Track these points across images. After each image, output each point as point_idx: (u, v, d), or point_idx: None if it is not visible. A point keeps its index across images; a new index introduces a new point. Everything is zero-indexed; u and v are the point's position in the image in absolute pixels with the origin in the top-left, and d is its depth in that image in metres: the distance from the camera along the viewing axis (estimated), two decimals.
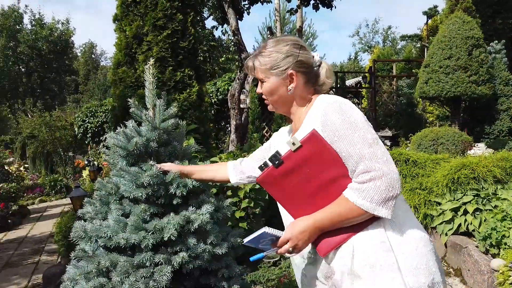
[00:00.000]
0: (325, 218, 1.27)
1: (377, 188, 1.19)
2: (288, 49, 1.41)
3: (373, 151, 1.22)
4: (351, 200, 1.22)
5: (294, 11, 9.59)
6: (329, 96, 1.40)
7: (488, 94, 7.22)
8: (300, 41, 1.46)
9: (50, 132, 13.51)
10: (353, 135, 1.23)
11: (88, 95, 36.96)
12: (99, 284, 1.51)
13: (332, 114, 1.28)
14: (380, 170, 1.19)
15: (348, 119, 1.26)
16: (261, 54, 1.45)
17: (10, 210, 7.99)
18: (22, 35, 26.37)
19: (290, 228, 1.31)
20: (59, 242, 4.60)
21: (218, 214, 1.84)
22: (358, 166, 1.22)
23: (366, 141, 1.23)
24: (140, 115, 1.82)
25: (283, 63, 1.41)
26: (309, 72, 1.45)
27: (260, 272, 3.29)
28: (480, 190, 3.79)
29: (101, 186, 1.79)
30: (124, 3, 5.07)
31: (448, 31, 7.43)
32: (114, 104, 5.16)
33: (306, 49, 1.45)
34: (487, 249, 3.28)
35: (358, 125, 1.25)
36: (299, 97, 1.45)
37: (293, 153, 1.27)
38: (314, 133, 1.26)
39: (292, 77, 1.41)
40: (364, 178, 1.21)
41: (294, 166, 1.28)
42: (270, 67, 1.42)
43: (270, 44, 1.45)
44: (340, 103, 1.30)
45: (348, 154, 1.24)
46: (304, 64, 1.42)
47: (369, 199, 1.19)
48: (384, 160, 1.21)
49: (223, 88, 12.37)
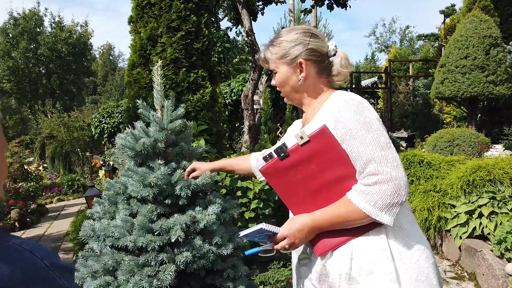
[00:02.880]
0: (325, 218, 1.24)
1: (382, 192, 1.15)
2: (298, 37, 1.37)
3: (384, 154, 1.18)
4: (353, 202, 1.18)
5: (308, 11, 9.56)
6: (347, 93, 1.35)
7: (506, 94, 7.06)
8: (312, 29, 1.41)
9: (68, 132, 13.79)
10: (366, 135, 1.19)
11: (106, 96, 37.59)
12: (105, 283, 1.54)
13: (347, 112, 1.23)
14: (388, 174, 1.15)
15: (363, 119, 1.22)
16: (272, 45, 1.41)
17: (29, 208, 8.19)
18: (42, 37, 26.93)
19: (288, 225, 1.28)
20: (74, 240, 4.69)
21: (225, 215, 1.85)
22: (366, 168, 1.18)
23: (378, 143, 1.19)
24: (148, 116, 1.84)
25: (293, 51, 1.36)
26: (322, 61, 1.39)
27: (269, 273, 3.29)
28: (496, 192, 3.71)
29: (110, 186, 1.82)
30: (139, 5, 5.13)
31: (464, 30, 7.30)
32: (129, 105, 5.22)
33: (318, 37, 1.39)
34: (502, 253, 3.21)
35: (372, 126, 1.21)
36: (312, 88, 1.40)
37: (300, 147, 1.24)
38: (324, 129, 1.22)
39: (301, 66, 1.36)
40: (370, 180, 1.17)
41: (300, 161, 1.25)
42: (280, 56, 1.38)
43: (282, 33, 1.41)
44: (357, 101, 1.26)
45: (358, 154, 1.20)
46: (316, 53, 1.37)
47: (372, 203, 1.15)
48: (394, 165, 1.17)
49: (237, 89, 12.42)
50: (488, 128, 7.71)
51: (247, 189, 3.33)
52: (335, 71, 1.41)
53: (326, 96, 1.40)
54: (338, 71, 1.41)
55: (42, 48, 26.56)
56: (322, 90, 1.41)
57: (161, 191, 1.69)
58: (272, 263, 3.48)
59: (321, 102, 1.40)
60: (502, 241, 3.20)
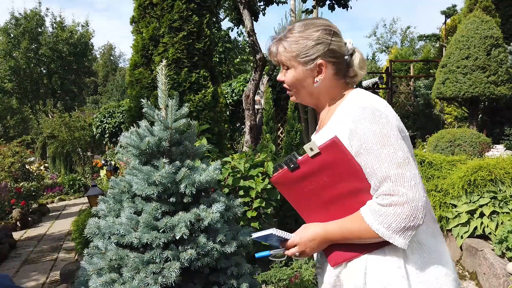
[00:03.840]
0: (337, 232, 1.18)
1: (397, 215, 1.06)
2: (319, 36, 1.24)
3: (401, 172, 1.08)
4: (367, 221, 1.11)
5: (310, 11, 9.58)
6: (364, 96, 1.23)
7: (507, 95, 7.07)
8: (332, 26, 1.28)
9: (69, 132, 13.83)
10: (382, 150, 1.10)
11: (107, 96, 37.63)
12: (111, 280, 1.56)
13: (363, 122, 1.13)
14: (404, 196, 1.06)
15: (379, 131, 1.11)
16: (286, 39, 1.28)
17: (31, 208, 8.22)
18: (43, 37, 26.99)
19: (300, 233, 1.23)
20: (76, 239, 4.71)
21: (229, 213, 1.86)
22: (381, 186, 1.10)
23: (395, 159, 1.09)
24: (152, 115, 1.85)
25: (313, 51, 1.24)
26: (340, 62, 1.28)
27: (271, 272, 3.31)
28: (497, 192, 3.72)
29: (114, 184, 1.83)
30: (141, 5, 5.15)
31: (466, 30, 7.31)
32: (131, 105, 5.25)
33: (339, 36, 1.28)
34: (503, 252, 3.22)
35: (389, 140, 1.10)
36: (326, 90, 1.30)
37: (310, 158, 1.17)
38: (335, 141, 1.14)
39: (321, 68, 1.25)
40: (385, 201, 1.08)
41: (310, 173, 1.19)
42: (297, 54, 1.25)
43: (298, 28, 1.27)
44: (374, 108, 1.15)
45: (373, 171, 1.11)
46: (336, 53, 1.26)
47: (386, 225, 1.08)
48: (411, 185, 1.07)
49: (238, 89, 12.44)
50: (489, 129, 7.73)
51: (250, 188, 3.34)
52: (352, 72, 1.31)
53: (343, 96, 1.31)
54: (355, 73, 1.32)
55: (43, 48, 26.62)
56: (338, 91, 1.31)
57: (165, 189, 1.70)
58: (274, 262, 3.49)
59: (335, 105, 1.31)
60: (503, 241, 3.21)
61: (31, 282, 4.38)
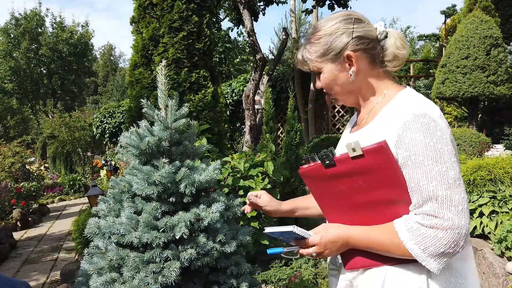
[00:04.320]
0: (363, 240, 1.10)
1: (438, 239, 0.99)
2: (338, 27, 1.16)
3: (449, 194, 0.99)
4: (400, 238, 1.03)
5: (310, 11, 9.58)
6: (418, 100, 1.11)
7: (507, 95, 7.08)
8: (353, 13, 1.20)
9: (69, 132, 13.84)
10: (433, 167, 1.00)
11: (107, 96, 37.65)
12: (111, 279, 1.56)
13: (415, 132, 1.03)
14: (449, 220, 0.98)
15: (433, 145, 1.01)
16: (309, 42, 1.21)
17: (31, 208, 8.23)
18: (43, 37, 27.01)
19: (321, 232, 1.15)
20: (77, 239, 4.72)
21: (228, 213, 1.87)
22: (424, 205, 1.01)
23: (445, 179, 1.00)
24: (152, 115, 1.86)
25: (336, 44, 1.16)
26: (373, 47, 1.18)
27: (271, 272, 3.31)
28: (496, 192, 3.73)
29: (115, 184, 1.84)
30: (141, 5, 5.16)
31: (465, 30, 7.32)
32: (131, 105, 5.25)
33: (362, 21, 1.18)
34: (503, 252, 3.23)
35: (443, 156, 1.01)
36: (366, 84, 1.20)
37: (350, 159, 1.08)
38: (383, 146, 1.04)
39: (350, 59, 1.16)
40: (427, 221, 1.00)
41: (346, 173, 1.10)
42: (322, 53, 1.18)
43: (319, 27, 1.20)
44: (430, 118, 1.04)
45: (418, 187, 1.02)
46: (364, 40, 1.16)
47: (422, 247, 1.00)
48: (458, 210, 0.99)
49: (238, 89, 12.45)
50: (489, 128, 7.73)
51: (249, 188, 3.35)
52: (389, 55, 1.20)
53: (389, 94, 1.19)
54: (394, 55, 1.20)
55: (43, 48, 26.64)
56: (380, 85, 1.20)
57: (165, 189, 1.71)
58: (274, 262, 3.50)
59: (381, 103, 1.19)
60: (502, 240, 3.22)
61: (32, 282, 4.39)
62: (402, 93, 1.16)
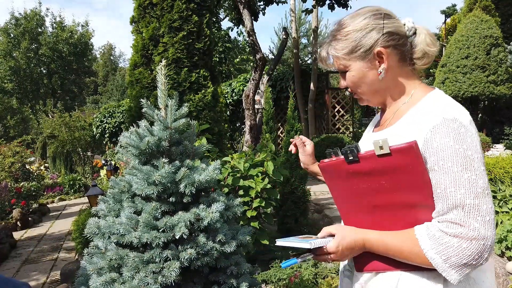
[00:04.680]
0: (380, 245, 1.07)
1: (461, 250, 0.94)
2: (367, 22, 1.12)
3: (477, 203, 0.95)
4: (421, 246, 0.99)
5: (310, 11, 9.59)
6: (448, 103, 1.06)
7: (507, 94, 7.08)
8: (381, 9, 1.16)
9: (69, 132, 13.84)
10: (462, 174, 0.96)
11: (107, 96, 37.65)
12: (111, 279, 1.56)
13: (445, 137, 0.98)
14: (475, 230, 0.94)
15: (463, 152, 0.97)
16: (335, 39, 1.16)
17: (31, 208, 8.22)
18: (43, 37, 27.00)
19: (338, 240, 1.10)
20: (77, 239, 4.72)
21: (228, 213, 1.87)
22: (449, 212, 0.97)
23: (474, 187, 0.96)
24: (152, 115, 1.86)
25: (365, 40, 1.11)
26: (403, 44, 1.14)
27: (271, 272, 3.31)
28: (496, 191, 3.73)
29: (114, 184, 1.84)
30: (141, 5, 5.16)
31: (465, 30, 7.32)
32: (131, 105, 5.25)
33: (392, 17, 1.14)
34: (503, 251, 3.23)
35: (473, 164, 0.97)
36: (394, 82, 1.15)
37: (375, 157, 1.03)
38: (413, 146, 0.99)
39: (381, 56, 1.11)
40: (451, 230, 0.96)
41: (369, 172, 1.06)
42: (350, 50, 1.13)
43: (345, 23, 1.16)
44: (461, 124, 1.00)
45: (445, 194, 0.98)
46: (395, 36, 1.12)
47: (444, 257, 0.96)
48: (485, 220, 0.95)
49: (238, 88, 12.45)
50: (489, 128, 7.73)
51: (249, 188, 3.35)
52: (419, 52, 1.15)
53: (416, 95, 1.14)
54: (423, 52, 1.15)
55: (43, 48, 26.64)
56: (408, 84, 1.16)
57: (165, 189, 1.71)
58: (274, 262, 3.50)
59: (408, 103, 1.14)
60: (502, 240, 3.22)
61: (32, 282, 4.39)
62: (430, 95, 1.12)
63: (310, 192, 4.88)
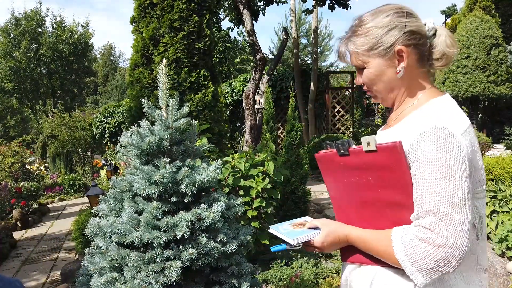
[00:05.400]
0: (360, 243, 1.13)
1: (427, 255, 0.97)
2: (390, 20, 1.11)
3: (451, 212, 0.97)
4: (394, 247, 1.03)
5: (310, 11, 9.59)
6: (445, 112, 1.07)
7: (507, 94, 7.09)
8: (404, 7, 1.15)
9: (69, 132, 13.83)
10: (440, 182, 0.98)
11: (107, 96, 37.65)
12: (112, 279, 1.56)
13: (429, 145, 1.00)
14: (443, 238, 0.96)
15: (445, 161, 0.98)
16: (355, 34, 1.15)
17: (31, 208, 8.22)
18: (43, 37, 26.98)
19: (323, 236, 1.18)
20: (77, 239, 4.72)
21: (229, 213, 1.87)
22: (423, 217, 1.00)
23: (450, 197, 0.97)
24: (153, 114, 1.86)
25: (387, 38, 1.11)
26: (424, 44, 1.14)
27: (272, 272, 3.31)
28: (497, 192, 3.73)
29: (115, 184, 1.84)
30: (141, 5, 5.16)
31: (466, 30, 7.32)
32: (131, 105, 5.25)
33: (414, 16, 1.14)
34: (503, 251, 3.22)
35: (453, 174, 0.98)
36: (409, 82, 1.15)
37: (363, 152, 1.08)
38: (396, 146, 1.03)
39: (401, 54, 1.11)
40: (421, 234, 0.99)
41: (357, 166, 1.11)
42: (370, 47, 1.13)
43: (367, 19, 1.15)
44: (448, 135, 1.00)
45: (421, 199, 1.01)
46: (416, 35, 1.12)
47: (412, 260, 0.99)
48: (456, 230, 0.96)
49: (238, 88, 12.44)
50: (489, 128, 7.73)
51: (250, 188, 3.35)
52: (438, 53, 1.15)
53: (422, 99, 1.15)
54: (442, 53, 1.15)
55: (43, 48, 26.61)
56: (420, 86, 1.16)
57: (166, 189, 1.71)
58: (274, 262, 3.50)
59: (413, 106, 1.15)
60: (503, 240, 3.22)
61: (32, 282, 4.39)
62: (434, 101, 1.12)
63: (310, 192, 4.88)
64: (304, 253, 3.69)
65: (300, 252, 3.68)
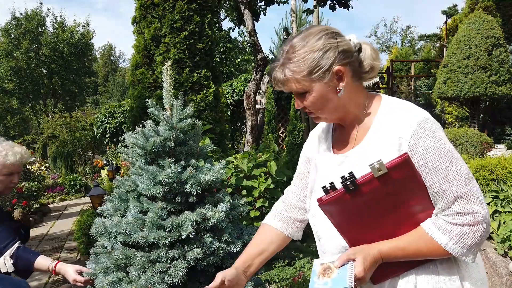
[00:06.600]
0: (397, 252, 1.09)
1: (474, 233, 1.03)
2: (323, 42, 1.12)
3: (470, 189, 1.04)
4: (439, 242, 1.05)
5: (310, 11, 9.58)
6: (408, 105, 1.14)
7: (509, 95, 7.09)
8: (330, 27, 1.17)
9: (70, 132, 13.84)
10: (450, 168, 1.04)
11: (107, 96, 37.66)
12: (117, 279, 1.57)
13: (425, 140, 1.06)
14: (478, 214, 1.03)
15: (443, 148, 1.05)
16: (291, 61, 1.14)
17: (32, 208, 8.22)
18: (44, 37, 26.99)
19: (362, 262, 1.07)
20: (79, 239, 4.72)
21: (234, 213, 1.87)
22: (452, 206, 1.05)
23: (462, 176, 1.05)
24: (158, 115, 1.86)
25: (324, 61, 1.11)
26: (356, 60, 1.17)
27: (274, 272, 3.31)
28: (499, 192, 3.73)
29: (120, 184, 1.84)
30: (143, 5, 5.16)
31: (467, 30, 7.32)
32: (132, 105, 5.25)
33: (341, 35, 1.16)
34: (506, 251, 3.23)
35: (453, 155, 1.06)
36: (349, 98, 1.17)
37: (374, 179, 1.05)
38: (407, 159, 1.04)
39: (339, 74, 1.13)
40: (459, 220, 1.04)
41: (371, 192, 1.07)
42: (309, 72, 1.12)
43: (297, 44, 1.14)
44: (432, 123, 1.08)
45: (441, 191, 1.05)
46: (348, 53, 1.14)
47: (462, 244, 1.04)
48: (480, 200, 1.04)
49: (239, 89, 12.44)
50: (490, 128, 7.74)
51: (252, 188, 3.35)
52: (367, 66, 1.19)
53: (373, 104, 1.20)
54: (370, 66, 1.19)
55: (44, 48, 26.62)
56: (360, 97, 1.20)
57: (171, 189, 1.71)
58: (277, 262, 3.50)
59: (369, 115, 1.19)
60: (505, 240, 3.22)
61: (34, 282, 4.39)
62: (384, 102, 1.19)
63: None
64: (306, 253, 3.69)
65: (302, 252, 3.68)
